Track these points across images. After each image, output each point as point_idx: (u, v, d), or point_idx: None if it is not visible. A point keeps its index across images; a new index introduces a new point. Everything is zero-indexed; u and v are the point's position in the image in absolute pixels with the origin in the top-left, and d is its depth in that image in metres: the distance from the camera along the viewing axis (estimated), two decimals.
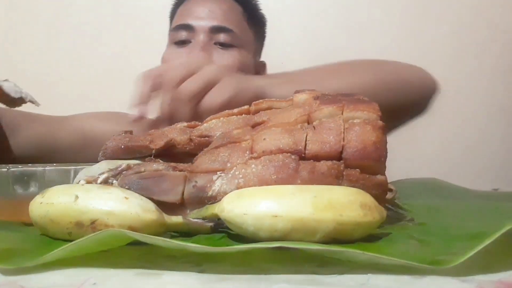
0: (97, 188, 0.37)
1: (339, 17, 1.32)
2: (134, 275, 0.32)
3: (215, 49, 0.85)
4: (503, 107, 1.30)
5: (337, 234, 0.34)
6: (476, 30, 1.30)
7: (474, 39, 1.30)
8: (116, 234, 0.33)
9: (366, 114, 0.40)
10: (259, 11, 0.96)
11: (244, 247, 0.32)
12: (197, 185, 0.40)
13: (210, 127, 0.47)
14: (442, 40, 1.30)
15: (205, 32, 0.84)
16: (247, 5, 0.92)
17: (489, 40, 1.30)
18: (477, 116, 1.30)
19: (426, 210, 0.52)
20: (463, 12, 1.30)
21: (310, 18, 1.32)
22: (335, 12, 1.32)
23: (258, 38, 0.95)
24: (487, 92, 1.30)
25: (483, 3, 1.30)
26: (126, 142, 0.46)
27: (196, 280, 0.31)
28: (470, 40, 1.30)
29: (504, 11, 1.29)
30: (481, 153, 1.27)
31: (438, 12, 1.31)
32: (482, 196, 0.73)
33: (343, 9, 1.32)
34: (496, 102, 1.30)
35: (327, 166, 0.38)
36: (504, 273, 0.31)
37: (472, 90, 1.30)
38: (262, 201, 0.34)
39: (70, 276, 0.32)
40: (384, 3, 1.31)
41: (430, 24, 1.31)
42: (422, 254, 0.33)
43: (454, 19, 1.30)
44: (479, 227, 0.37)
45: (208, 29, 0.85)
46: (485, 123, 1.30)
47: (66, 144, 0.83)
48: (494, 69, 1.30)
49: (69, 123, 0.86)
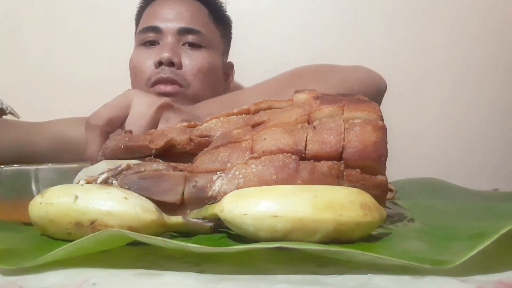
0: (96, 188, 0.37)
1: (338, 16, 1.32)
2: (134, 275, 0.32)
3: (183, 50, 0.86)
4: (503, 107, 1.30)
5: (337, 234, 0.34)
6: (476, 30, 1.30)
7: (474, 39, 1.30)
8: (116, 234, 0.33)
9: (366, 114, 0.40)
10: (224, 12, 0.98)
11: (244, 247, 0.32)
12: (197, 185, 0.40)
13: (210, 127, 0.47)
14: (440, 40, 1.30)
15: (173, 34, 0.86)
16: (212, 7, 0.94)
17: (489, 40, 1.30)
18: (477, 116, 1.30)
19: (426, 210, 0.52)
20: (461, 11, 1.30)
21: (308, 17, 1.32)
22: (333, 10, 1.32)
23: (224, 39, 0.96)
24: (487, 92, 1.30)
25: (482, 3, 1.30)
26: (126, 142, 0.46)
27: (196, 280, 0.30)
28: (469, 40, 1.30)
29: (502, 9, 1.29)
30: (481, 153, 1.27)
31: (434, 11, 1.31)
32: (482, 196, 0.73)
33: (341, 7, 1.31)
34: (496, 102, 1.30)
35: (328, 166, 0.38)
36: (504, 273, 0.31)
37: (472, 90, 1.30)
38: (262, 201, 0.34)
39: (70, 276, 0.32)
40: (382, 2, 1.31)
41: (426, 23, 1.31)
42: (422, 254, 0.33)
43: (452, 18, 1.30)
44: (479, 227, 0.37)
45: (176, 30, 0.86)
46: (485, 123, 1.30)
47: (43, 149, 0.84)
48: (493, 69, 1.29)
49: (46, 128, 0.87)
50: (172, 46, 0.84)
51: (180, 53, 0.85)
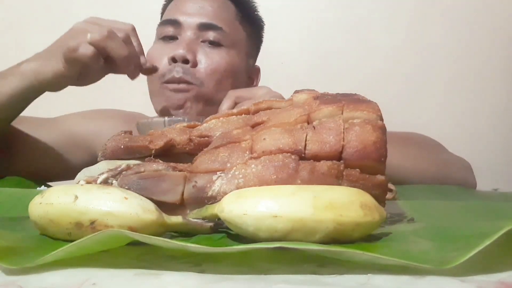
0: (96, 188, 0.37)
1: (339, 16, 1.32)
2: (134, 275, 0.32)
3: (201, 47, 0.82)
4: (503, 107, 1.30)
5: (337, 234, 0.34)
6: (476, 30, 1.30)
7: (475, 39, 1.30)
8: (116, 234, 0.33)
9: (366, 114, 0.40)
10: (255, 13, 0.93)
11: (244, 247, 0.32)
12: (197, 185, 0.40)
13: (209, 127, 0.47)
14: (443, 40, 1.30)
15: (193, 29, 0.82)
16: (242, 5, 0.89)
17: (489, 40, 1.30)
18: (477, 116, 1.30)
19: (426, 210, 0.52)
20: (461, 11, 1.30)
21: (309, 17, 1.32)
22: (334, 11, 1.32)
23: (251, 41, 0.91)
24: (487, 92, 1.30)
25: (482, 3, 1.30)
26: (126, 142, 0.46)
27: (196, 280, 0.30)
28: (470, 40, 1.30)
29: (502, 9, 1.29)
30: (481, 153, 1.27)
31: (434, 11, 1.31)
32: (482, 196, 0.73)
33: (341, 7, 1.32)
34: (496, 102, 1.30)
35: (327, 166, 0.38)
36: (504, 273, 0.31)
37: (472, 90, 1.30)
38: (262, 201, 0.34)
39: (70, 276, 0.32)
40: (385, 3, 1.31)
41: (427, 23, 1.31)
42: (422, 254, 0.33)
43: (454, 18, 1.30)
44: (479, 227, 0.37)
45: (196, 25, 0.82)
46: (485, 123, 1.30)
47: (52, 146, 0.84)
48: (494, 69, 1.30)
49: (54, 125, 0.86)
50: (189, 42, 0.81)
51: (197, 50, 0.81)
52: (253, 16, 0.92)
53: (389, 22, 1.31)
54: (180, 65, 0.79)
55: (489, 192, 0.83)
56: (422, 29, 1.30)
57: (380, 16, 1.31)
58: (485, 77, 1.30)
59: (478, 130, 1.29)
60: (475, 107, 1.30)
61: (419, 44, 1.30)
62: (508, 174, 1.26)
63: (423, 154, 0.83)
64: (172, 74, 0.79)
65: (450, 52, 1.30)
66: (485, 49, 1.30)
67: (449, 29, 1.30)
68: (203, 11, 0.83)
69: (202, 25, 0.82)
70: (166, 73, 0.80)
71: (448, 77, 1.31)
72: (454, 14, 1.30)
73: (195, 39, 0.82)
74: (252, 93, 0.72)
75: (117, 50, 0.68)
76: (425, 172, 0.79)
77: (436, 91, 1.31)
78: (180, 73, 0.79)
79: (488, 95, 1.30)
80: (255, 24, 0.93)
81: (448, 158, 0.87)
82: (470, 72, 1.30)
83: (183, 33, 0.82)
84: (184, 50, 0.79)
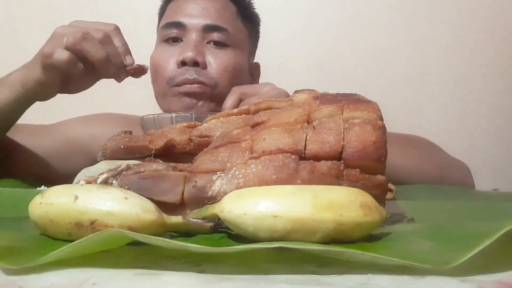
0: (96, 188, 0.37)
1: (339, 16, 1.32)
2: (134, 275, 0.32)
3: (208, 48, 0.82)
4: (504, 107, 1.30)
5: (337, 234, 0.34)
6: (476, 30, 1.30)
7: (475, 39, 1.30)
8: (116, 234, 0.33)
9: (366, 114, 0.40)
10: (253, 10, 0.94)
11: (244, 247, 0.32)
12: (197, 185, 0.40)
13: (209, 127, 0.47)
14: (441, 40, 1.30)
15: (198, 31, 0.82)
16: (241, 4, 0.89)
17: (490, 40, 1.30)
18: (477, 116, 1.30)
19: (426, 210, 0.52)
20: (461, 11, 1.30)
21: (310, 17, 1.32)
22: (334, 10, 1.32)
23: (252, 38, 0.92)
24: (487, 92, 1.30)
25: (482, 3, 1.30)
26: (126, 142, 0.46)
27: (196, 280, 0.30)
28: (470, 40, 1.30)
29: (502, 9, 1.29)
30: (481, 153, 1.27)
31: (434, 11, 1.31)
32: (482, 196, 0.73)
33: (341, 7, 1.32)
34: (497, 102, 1.30)
35: (327, 166, 0.38)
36: (504, 273, 0.31)
37: (472, 89, 1.30)
38: (262, 201, 0.34)
39: (70, 276, 0.32)
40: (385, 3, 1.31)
41: (427, 23, 1.31)
42: (422, 254, 0.33)
43: (453, 18, 1.30)
44: (479, 227, 0.37)
45: (201, 27, 0.82)
46: (485, 123, 1.30)
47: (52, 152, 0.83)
48: (493, 69, 1.29)
49: (53, 131, 0.86)
50: (196, 45, 0.81)
51: (205, 51, 0.81)
52: (251, 14, 0.93)
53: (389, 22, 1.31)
54: (191, 68, 0.79)
55: (489, 192, 0.83)
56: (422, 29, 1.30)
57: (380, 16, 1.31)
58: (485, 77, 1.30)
59: (478, 130, 1.29)
60: (475, 107, 1.30)
61: (419, 44, 1.30)
62: (508, 174, 1.26)
63: (423, 155, 0.84)
64: (184, 76, 0.79)
65: (450, 52, 1.30)
66: (485, 49, 1.30)
67: (449, 29, 1.30)
68: (206, 13, 0.83)
69: (207, 26, 0.82)
70: (176, 76, 0.80)
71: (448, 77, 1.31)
72: (454, 14, 1.30)
73: (200, 41, 0.82)
74: (257, 90, 0.71)
75: (93, 52, 0.65)
76: (424, 173, 0.80)
77: (436, 91, 1.31)
78: (193, 75, 0.79)
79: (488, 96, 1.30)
80: (254, 22, 0.93)
81: (447, 161, 0.88)
82: (469, 72, 1.30)
83: (187, 35, 0.82)
84: (193, 53, 0.79)
